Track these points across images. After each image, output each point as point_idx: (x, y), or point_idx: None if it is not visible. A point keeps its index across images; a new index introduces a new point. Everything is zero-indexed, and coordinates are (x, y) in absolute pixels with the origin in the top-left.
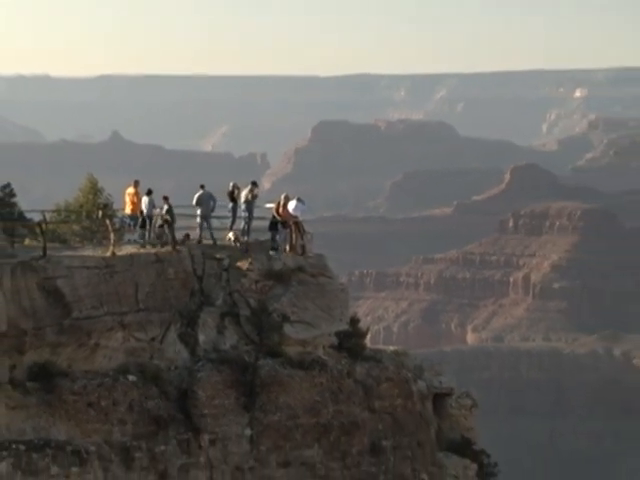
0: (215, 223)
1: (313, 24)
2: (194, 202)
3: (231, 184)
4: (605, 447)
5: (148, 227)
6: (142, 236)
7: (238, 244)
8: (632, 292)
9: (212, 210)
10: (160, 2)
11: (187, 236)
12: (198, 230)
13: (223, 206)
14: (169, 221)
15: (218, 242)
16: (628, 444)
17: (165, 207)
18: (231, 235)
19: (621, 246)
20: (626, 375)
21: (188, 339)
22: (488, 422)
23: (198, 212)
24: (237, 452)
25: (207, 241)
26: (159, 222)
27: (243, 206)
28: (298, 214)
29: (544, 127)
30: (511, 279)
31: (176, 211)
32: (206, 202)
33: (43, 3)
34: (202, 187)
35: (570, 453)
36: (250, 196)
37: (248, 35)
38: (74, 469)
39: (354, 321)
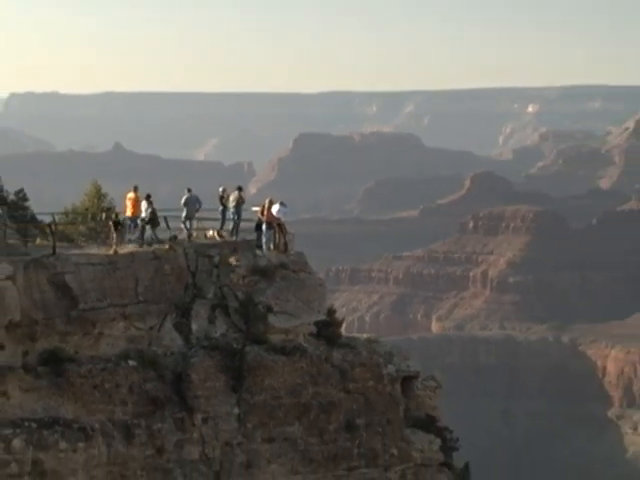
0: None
1: (296, 46)
2: (182, 203)
3: (221, 189)
4: (554, 426)
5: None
6: (141, 236)
7: (219, 238)
8: (578, 286)
9: (197, 211)
10: (158, 28)
11: (175, 237)
12: (184, 229)
13: (213, 209)
14: (153, 220)
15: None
16: (574, 423)
17: (149, 208)
18: (212, 232)
19: (568, 245)
20: (572, 360)
21: (182, 328)
22: (450, 402)
23: (184, 212)
24: (226, 429)
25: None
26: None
27: (232, 209)
28: (281, 216)
29: (500, 139)
30: (471, 274)
31: (169, 214)
32: (192, 204)
33: (53, 29)
34: (189, 190)
35: (522, 431)
36: (239, 199)
37: (237, 56)
38: (80, 444)
39: (331, 312)
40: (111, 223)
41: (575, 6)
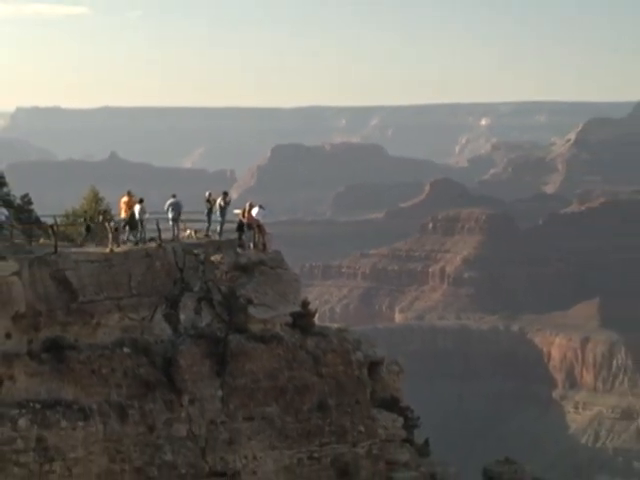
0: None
1: (272, 65)
2: (165, 208)
3: (207, 194)
4: (503, 405)
5: (140, 228)
6: (135, 235)
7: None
8: (525, 281)
9: (179, 214)
10: (149, 51)
11: (154, 239)
12: (171, 230)
13: (200, 211)
14: (131, 224)
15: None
16: (522, 403)
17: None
18: (189, 232)
19: (517, 244)
20: (521, 347)
21: (171, 318)
22: (411, 384)
23: (170, 216)
24: (211, 409)
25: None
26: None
27: (218, 212)
28: (260, 218)
29: (456, 149)
30: (430, 270)
31: (160, 216)
32: (177, 208)
33: (55, 50)
34: (173, 196)
35: (475, 410)
36: (223, 203)
37: (220, 75)
38: (80, 423)
39: (305, 304)
40: (84, 229)
41: (523, 30)
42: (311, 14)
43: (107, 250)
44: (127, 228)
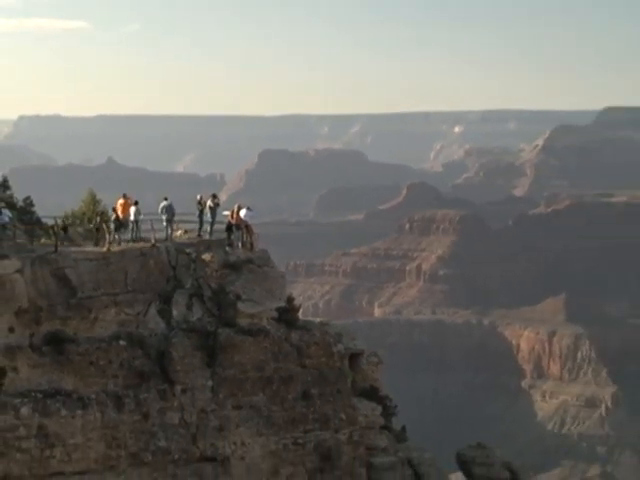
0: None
1: (260, 76)
2: (159, 210)
3: (198, 196)
4: (476, 394)
5: (135, 229)
6: (132, 233)
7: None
8: (497, 277)
9: (173, 216)
10: (143, 63)
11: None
12: (166, 230)
13: (192, 213)
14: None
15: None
16: (493, 392)
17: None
18: (179, 232)
19: (488, 243)
20: (492, 339)
21: (165, 313)
22: (390, 375)
23: (163, 217)
24: (202, 398)
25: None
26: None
27: (208, 213)
28: (248, 219)
29: (432, 154)
30: (407, 268)
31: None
32: (170, 210)
33: (55, 62)
34: (166, 199)
35: (449, 398)
36: (213, 205)
37: (211, 84)
38: (78, 412)
39: (290, 299)
40: (59, 229)
41: (493, 42)
42: (296, 30)
43: (104, 249)
44: (112, 228)
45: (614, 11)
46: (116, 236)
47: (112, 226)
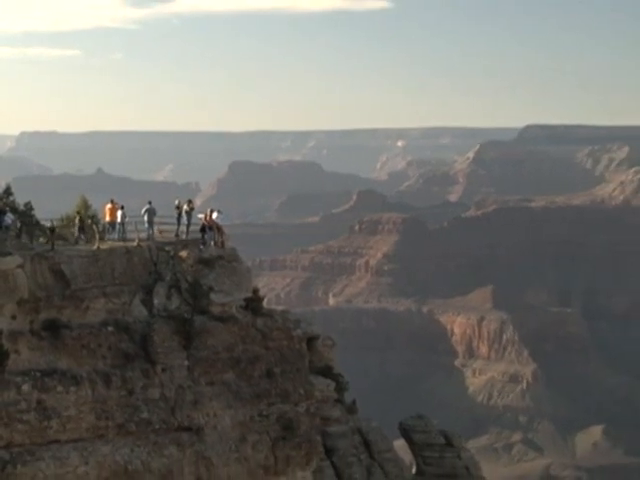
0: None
1: (229, 97)
2: (142, 213)
3: (176, 202)
4: (416, 372)
5: (121, 230)
6: (119, 233)
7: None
8: (433, 271)
9: (154, 217)
10: (129, 86)
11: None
12: (148, 231)
13: (170, 216)
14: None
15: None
16: (431, 370)
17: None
18: (158, 233)
19: (427, 242)
20: (430, 325)
21: (147, 303)
22: (342, 355)
23: (145, 220)
24: (179, 376)
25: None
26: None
27: (185, 216)
28: (219, 221)
29: (378, 165)
30: (357, 263)
31: (137, 220)
32: (151, 213)
33: (52, 84)
34: (149, 203)
35: (393, 378)
36: (188, 209)
37: (187, 105)
38: (72, 388)
39: (255, 291)
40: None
41: (433, 66)
42: (261, 59)
43: (94, 247)
44: (77, 230)
45: (530, 41)
46: (82, 237)
47: (77, 228)
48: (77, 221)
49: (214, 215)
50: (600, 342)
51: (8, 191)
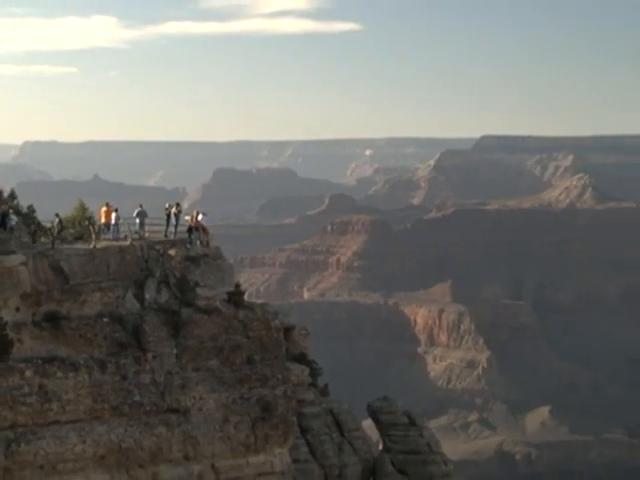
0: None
1: (212, 110)
2: (134, 215)
3: (166, 205)
4: (382, 358)
5: (115, 230)
6: (113, 234)
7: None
8: (398, 268)
9: (145, 218)
10: (122, 100)
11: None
12: (139, 232)
13: (160, 218)
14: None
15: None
16: (396, 356)
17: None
18: (147, 234)
19: (392, 242)
20: (395, 316)
21: (139, 296)
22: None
23: (137, 221)
24: (168, 363)
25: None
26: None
27: (173, 218)
28: (204, 222)
29: (348, 172)
30: (329, 260)
31: (130, 221)
32: (143, 215)
33: (52, 99)
34: (140, 206)
35: (362, 364)
36: (176, 211)
37: (175, 117)
38: (71, 374)
39: (237, 285)
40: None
41: (395, 80)
42: (242, 75)
43: (91, 246)
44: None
45: (485, 60)
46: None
47: (56, 231)
48: (56, 223)
49: (200, 217)
50: (548, 332)
51: (12, 195)
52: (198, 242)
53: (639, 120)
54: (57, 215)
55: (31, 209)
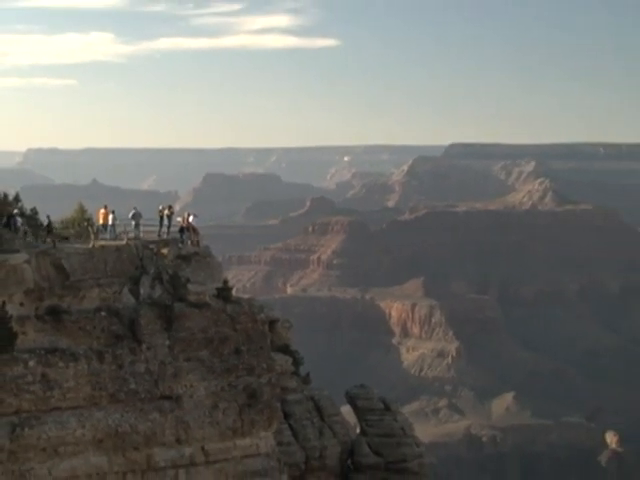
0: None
1: (205, 117)
2: (129, 216)
3: (160, 207)
4: (359, 349)
5: (112, 231)
6: (110, 234)
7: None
8: (375, 265)
9: (140, 219)
10: (118, 109)
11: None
12: (134, 232)
13: (154, 219)
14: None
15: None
16: (372, 347)
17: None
18: (141, 234)
19: (369, 241)
20: (371, 310)
21: (134, 292)
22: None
23: (132, 222)
24: (161, 353)
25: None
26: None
27: (166, 219)
28: (194, 223)
29: (328, 176)
30: (311, 258)
31: (126, 222)
32: (137, 217)
33: (53, 108)
34: (135, 208)
35: (340, 354)
36: (169, 213)
37: (168, 125)
38: (71, 363)
39: (225, 282)
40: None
41: (367, 94)
42: (230, 87)
43: (90, 245)
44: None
45: (452, 72)
46: (48, 239)
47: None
48: (46, 224)
49: (190, 218)
50: (512, 324)
51: (17, 198)
52: (189, 242)
53: (593, 129)
54: (48, 217)
55: (34, 211)
